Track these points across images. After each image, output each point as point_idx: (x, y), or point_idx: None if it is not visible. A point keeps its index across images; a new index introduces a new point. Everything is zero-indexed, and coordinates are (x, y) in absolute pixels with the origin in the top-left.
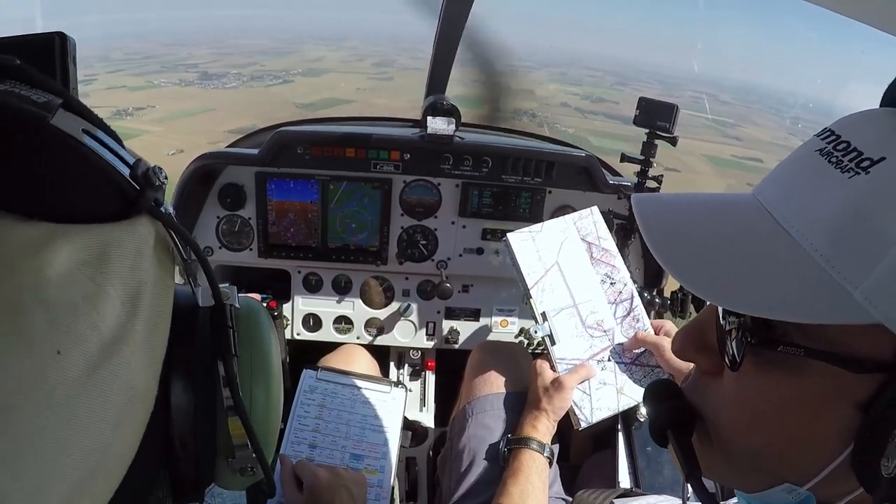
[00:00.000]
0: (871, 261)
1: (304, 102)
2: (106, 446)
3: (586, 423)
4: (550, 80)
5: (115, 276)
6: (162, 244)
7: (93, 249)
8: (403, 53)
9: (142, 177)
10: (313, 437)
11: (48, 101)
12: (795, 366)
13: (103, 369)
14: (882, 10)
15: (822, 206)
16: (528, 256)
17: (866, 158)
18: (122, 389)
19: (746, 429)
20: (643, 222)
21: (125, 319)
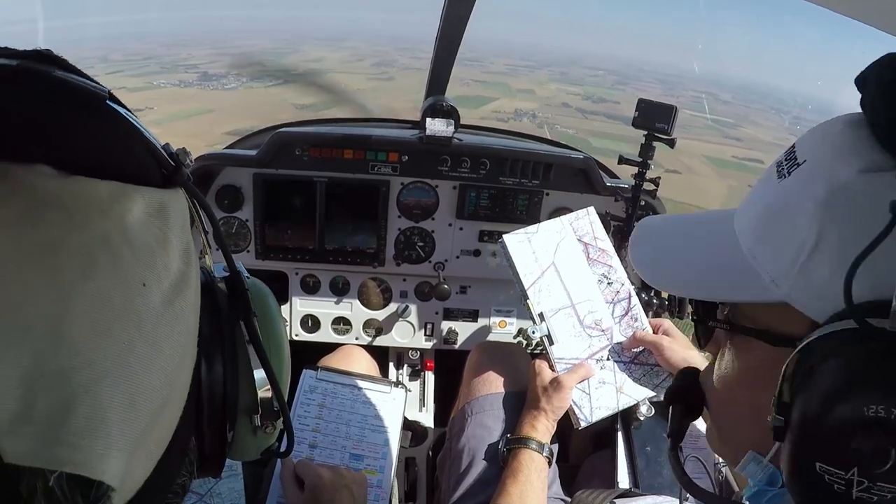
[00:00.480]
0: (780, 249)
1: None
2: (175, 379)
3: (586, 422)
4: (551, 80)
5: (174, 230)
6: (190, 217)
7: (155, 205)
8: (404, 53)
9: (176, 155)
10: (313, 437)
11: (99, 85)
12: (744, 344)
13: (175, 305)
14: (882, 10)
15: (756, 206)
16: (525, 257)
17: (795, 164)
18: (187, 328)
19: (720, 401)
20: (633, 243)
21: (184, 267)
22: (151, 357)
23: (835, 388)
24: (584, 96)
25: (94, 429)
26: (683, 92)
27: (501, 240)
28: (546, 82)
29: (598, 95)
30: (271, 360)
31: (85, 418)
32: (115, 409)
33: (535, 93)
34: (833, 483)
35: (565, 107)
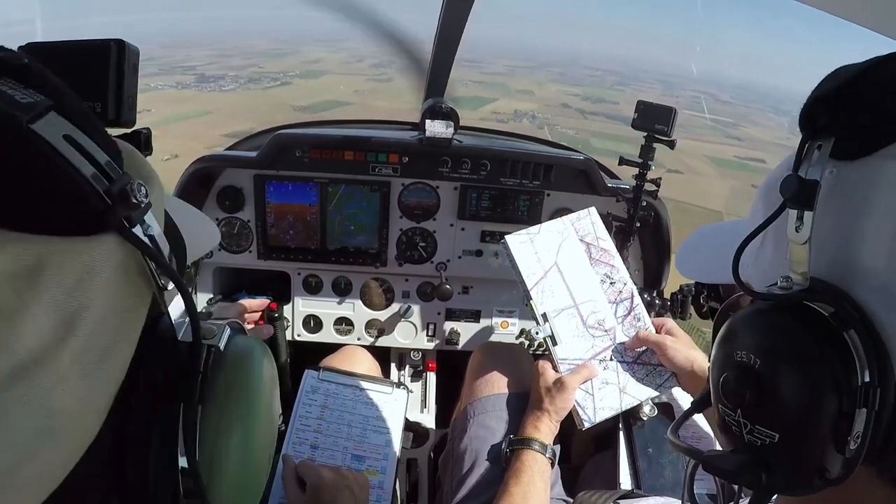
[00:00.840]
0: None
1: (301, 105)
2: (9, 469)
3: (590, 422)
4: (550, 81)
5: (47, 295)
6: (138, 267)
7: (27, 262)
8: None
9: (116, 192)
10: (315, 438)
11: (34, 102)
12: None
13: (10, 392)
14: (877, 13)
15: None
16: (527, 258)
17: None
18: (35, 417)
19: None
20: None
21: (50, 344)
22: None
23: (719, 339)
24: (584, 97)
25: None
26: (683, 92)
27: (504, 240)
28: (545, 83)
29: (597, 96)
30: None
31: None
32: None
33: (534, 93)
34: (731, 424)
35: (565, 107)
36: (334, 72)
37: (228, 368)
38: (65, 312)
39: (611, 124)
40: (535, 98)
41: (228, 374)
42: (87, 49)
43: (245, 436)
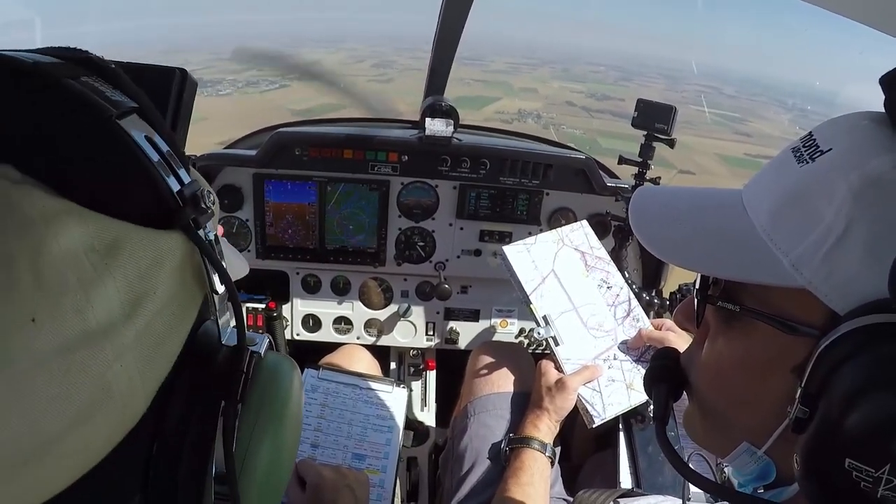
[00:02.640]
0: (801, 235)
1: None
2: (55, 437)
3: (600, 418)
4: (553, 78)
5: (120, 273)
6: (195, 270)
7: (105, 239)
8: (403, 53)
9: (188, 195)
10: (315, 437)
11: (122, 101)
12: (747, 328)
13: (76, 355)
14: (881, 11)
15: (774, 189)
16: (525, 266)
17: (818, 150)
18: (95, 385)
19: (710, 386)
20: (633, 208)
21: (118, 319)
22: (10, 401)
23: (874, 385)
24: (588, 94)
25: None
26: (686, 87)
27: (501, 251)
28: (548, 80)
29: (601, 92)
30: (261, 451)
31: None
32: None
33: (537, 91)
34: (860, 480)
35: (569, 105)
36: (334, 73)
37: (266, 374)
38: (134, 293)
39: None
40: (538, 96)
41: (266, 379)
42: (152, 71)
43: (276, 438)
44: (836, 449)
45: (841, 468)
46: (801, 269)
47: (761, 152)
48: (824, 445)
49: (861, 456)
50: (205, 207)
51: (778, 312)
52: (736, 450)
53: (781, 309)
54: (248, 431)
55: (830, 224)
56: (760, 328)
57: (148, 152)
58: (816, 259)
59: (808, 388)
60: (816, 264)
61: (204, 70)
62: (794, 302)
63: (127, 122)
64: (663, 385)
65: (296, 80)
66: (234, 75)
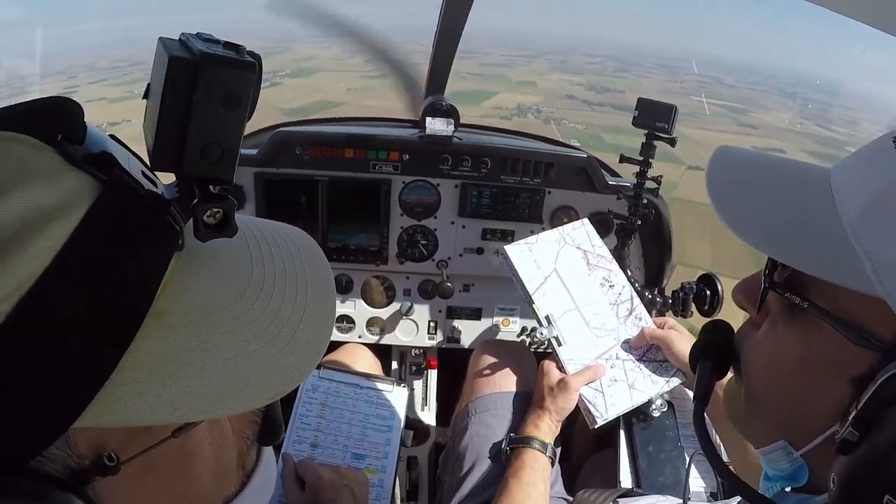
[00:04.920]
0: (891, 239)
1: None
2: None
3: (602, 418)
4: (551, 70)
5: None
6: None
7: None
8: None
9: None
10: (315, 437)
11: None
12: (811, 326)
13: None
14: (881, 10)
15: (867, 182)
16: (527, 265)
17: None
18: None
19: (762, 375)
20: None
21: None
22: None
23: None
24: (588, 86)
25: None
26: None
27: (503, 250)
28: (546, 72)
29: (601, 84)
30: None
31: None
32: None
33: (536, 84)
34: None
35: (570, 98)
36: (326, 69)
37: None
38: None
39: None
40: (537, 90)
41: None
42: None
43: None
44: (879, 482)
45: (877, 499)
46: (882, 277)
47: (769, 144)
48: (866, 475)
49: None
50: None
51: (848, 317)
52: (773, 444)
53: (852, 314)
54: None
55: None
56: (825, 329)
57: None
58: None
59: (864, 412)
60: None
61: None
62: (868, 310)
63: None
64: (709, 362)
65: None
66: None
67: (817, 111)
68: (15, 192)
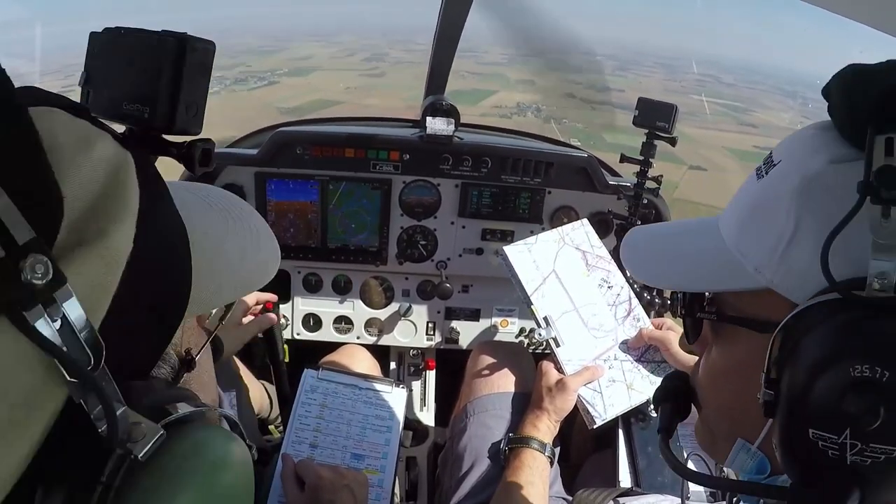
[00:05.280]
0: (761, 240)
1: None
2: None
3: (601, 419)
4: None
5: None
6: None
7: None
8: (396, 46)
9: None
10: (314, 437)
11: None
12: (731, 335)
13: None
14: (881, 11)
15: (738, 206)
16: (526, 266)
17: (772, 164)
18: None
19: (710, 397)
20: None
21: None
22: None
23: (821, 355)
24: (587, 85)
25: None
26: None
27: (502, 251)
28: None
29: (601, 83)
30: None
31: None
32: None
33: (535, 83)
34: (827, 449)
35: (570, 97)
36: (324, 68)
37: (149, 482)
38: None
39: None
40: (536, 88)
41: (145, 491)
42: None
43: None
44: (799, 423)
45: (808, 440)
46: (763, 271)
47: (769, 144)
48: (789, 422)
49: (821, 424)
50: (29, 281)
51: (751, 315)
52: (733, 449)
53: (753, 312)
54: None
55: (783, 226)
56: (741, 333)
57: None
58: (775, 259)
59: (770, 372)
60: (775, 264)
61: None
62: (763, 303)
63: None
64: (669, 404)
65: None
66: (223, 72)
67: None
68: (97, 145)
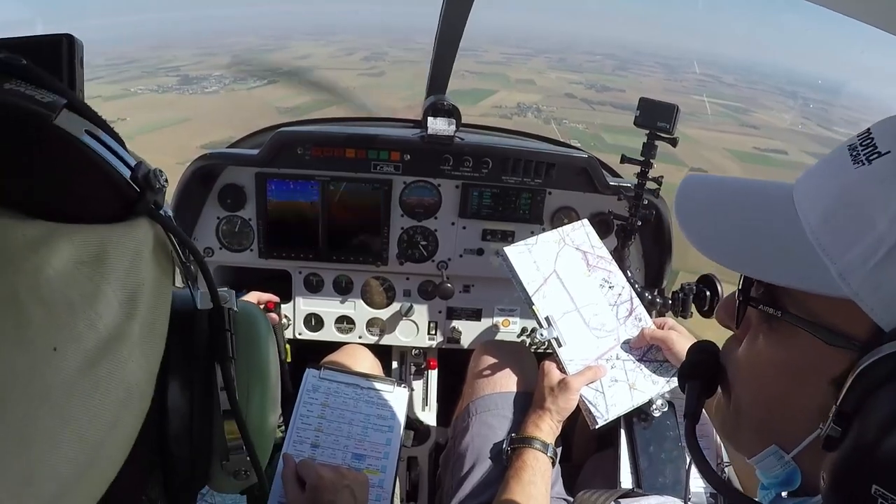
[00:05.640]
0: (851, 242)
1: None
2: (99, 444)
3: (603, 419)
4: (550, 68)
5: (113, 276)
6: (161, 247)
7: (91, 249)
8: (396, 45)
9: (142, 179)
10: (315, 437)
11: (53, 100)
12: (788, 333)
13: (100, 367)
14: (882, 10)
15: (826, 190)
16: (526, 267)
17: (876, 152)
18: (119, 388)
19: (747, 385)
20: (679, 197)
21: (122, 319)
22: (60, 428)
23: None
24: (587, 85)
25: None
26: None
27: (502, 251)
28: (545, 70)
29: (600, 83)
30: (254, 398)
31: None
32: (6, 487)
33: (535, 83)
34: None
35: (569, 97)
36: (323, 67)
37: (243, 326)
38: (128, 290)
39: (620, 115)
40: (536, 88)
41: (244, 330)
42: (37, 44)
43: (265, 385)
44: (865, 473)
45: (867, 493)
46: (848, 278)
47: (770, 145)
48: (853, 467)
49: (889, 484)
50: (160, 186)
51: (821, 321)
52: (764, 451)
53: (825, 318)
54: (243, 382)
55: (883, 234)
56: (801, 335)
57: (94, 147)
58: (865, 269)
59: (844, 406)
60: (864, 275)
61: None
62: (838, 312)
63: (63, 121)
64: (698, 381)
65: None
66: (222, 71)
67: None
68: None
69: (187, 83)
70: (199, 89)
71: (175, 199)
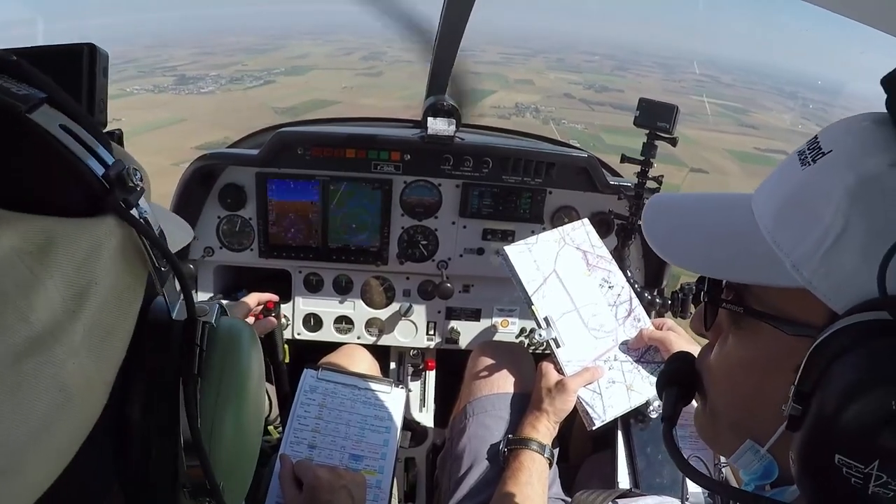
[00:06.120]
0: (802, 236)
1: (284, 106)
2: (22, 450)
3: (600, 420)
4: (549, 69)
5: (58, 271)
6: (135, 249)
7: (37, 239)
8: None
9: (114, 176)
10: (313, 438)
11: (29, 94)
12: (753, 329)
13: (26, 364)
14: (882, 11)
15: (778, 192)
16: (526, 267)
17: (821, 153)
18: (52, 390)
19: (720, 388)
20: (647, 215)
21: (62, 317)
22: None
23: (863, 380)
24: (586, 85)
25: None
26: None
27: (502, 251)
28: (544, 71)
29: (599, 83)
30: (225, 423)
31: None
32: None
33: (534, 83)
34: (850, 476)
35: (568, 97)
36: (321, 66)
37: (222, 343)
38: (75, 287)
39: (619, 115)
40: (535, 88)
41: (222, 348)
42: (58, 53)
43: (240, 406)
44: (827, 445)
45: (832, 464)
46: (800, 269)
47: (770, 146)
48: (815, 442)
49: (850, 452)
50: (133, 185)
51: (780, 313)
52: (741, 448)
53: (783, 310)
54: (211, 403)
55: (829, 224)
56: (765, 329)
57: (65, 141)
58: (815, 259)
59: (802, 385)
60: (815, 264)
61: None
62: (795, 302)
63: (38, 114)
64: (674, 388)
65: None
66: (219, 70)
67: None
68: None
69: (183, 83)
70: (196, 89)
71: (175, 199)
